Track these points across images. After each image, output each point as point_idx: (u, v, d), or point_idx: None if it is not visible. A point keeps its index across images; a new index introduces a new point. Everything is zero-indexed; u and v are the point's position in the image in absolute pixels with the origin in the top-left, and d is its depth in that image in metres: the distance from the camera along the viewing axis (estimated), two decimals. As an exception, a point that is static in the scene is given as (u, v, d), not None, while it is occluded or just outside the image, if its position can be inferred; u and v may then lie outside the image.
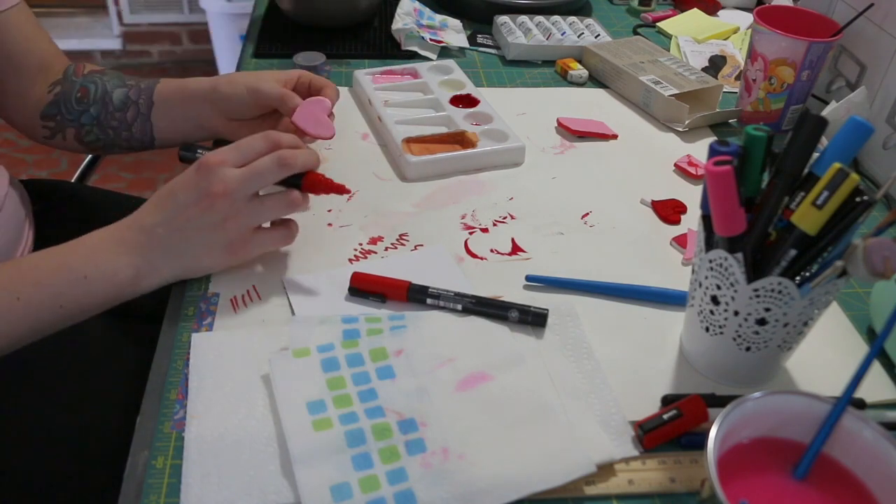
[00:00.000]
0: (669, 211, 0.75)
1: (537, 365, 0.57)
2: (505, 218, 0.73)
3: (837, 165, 0.47)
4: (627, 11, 1.22)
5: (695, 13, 1.19)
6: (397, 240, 0.70)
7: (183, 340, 0.58)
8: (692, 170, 0.81)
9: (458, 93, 0.90)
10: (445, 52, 1.04)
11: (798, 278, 0.51)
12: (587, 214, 0.75)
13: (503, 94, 0.94)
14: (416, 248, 0.69)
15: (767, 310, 0.51)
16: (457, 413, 0.52)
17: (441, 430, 0.51)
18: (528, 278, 0.65)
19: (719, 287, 0.52)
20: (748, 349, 0.54)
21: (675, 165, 0.83)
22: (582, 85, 0.99)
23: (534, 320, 0.60)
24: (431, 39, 1.02)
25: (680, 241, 0.72)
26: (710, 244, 0.53)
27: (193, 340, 0.57)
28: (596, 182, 0.80)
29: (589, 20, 1.10)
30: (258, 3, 1.16)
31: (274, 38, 1.03)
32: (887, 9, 0.84)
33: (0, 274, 0.57)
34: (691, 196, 0.78)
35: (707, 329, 0.55)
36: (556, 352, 0.59)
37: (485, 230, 0.72)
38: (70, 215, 0.89)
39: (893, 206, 0.79)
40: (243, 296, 0.62)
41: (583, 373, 0.57)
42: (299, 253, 0.67)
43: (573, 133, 0.87)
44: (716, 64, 1.06)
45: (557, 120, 0.88)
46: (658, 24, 1.16)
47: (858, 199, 0.47)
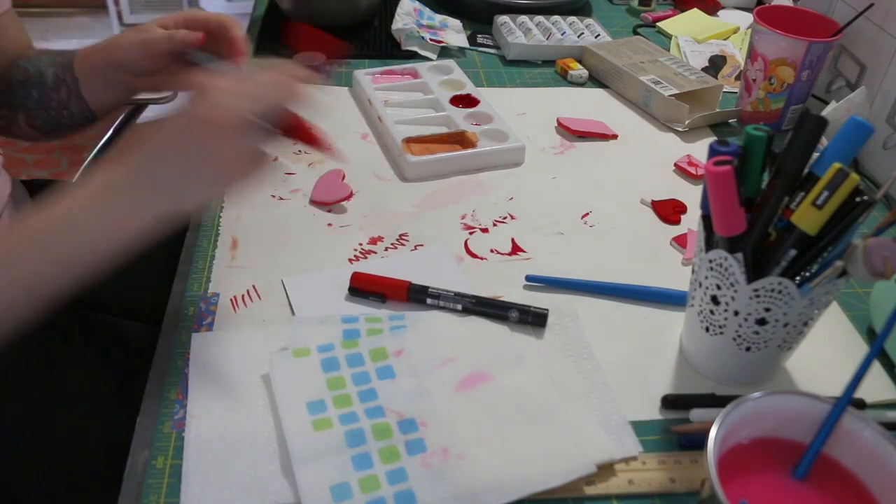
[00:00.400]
0: (669, 211, 0.75)
1: (537, 365, 0.57)
2: (505, 218, 0.73)
3: (837, 165, 0.47)
4: (627, 11, 1.22)
5: (695, 13, 1.19)
6: (397, 240, 0.70)
7: (183, 340, 0.58)
8: (692, 170, 0.81)
9: (458, 93, 0.90)
10: (445, 52, 1.04)
11: (798, 278, 0.51)
12: (587, 214, 0.75)
13: (503, 94, 0.94)
14: (416, 248, 0.69)
15: (767, 310, 0.51)
16: (457, 413, 0.52)
17: (441, 430, 0.51)
18: (528, 278, 0.65)
19: (719, 287, 0.52)
20: (748, 349, 0.54)
21: (675, 165, 0.83)
22: (582, 85, 0.99)
23: (534, 320, 0.60)
24: (431, 39, 1.02)
25: (680, 241, 0.72)
26: (710, 244, 0.53)
27: (193, 340, 0.57)
28: (596, 182, 0.80)
29: (589, 20, 1.10)
30: (258, 3, 1.16)
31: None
32: (887, 9, 0.84)
33: None
34: (691, 196, 0.78)
35: (707, 329, 0.55)
36: (556, 352, 0.59)
37: (485, 230, 0.72)
38: None
39: (893, 206, 0.79)
40: (243, 296, 0.62)
41: (583, 373, 0.57)
42: (299, 253, 0.67)
43: (573, 133, 0.87)
44: (716, 64, 1.06)
45: (557, 120, 0.88)
46: (658, 24, 1.16)
47: (858, 199, 0.47)
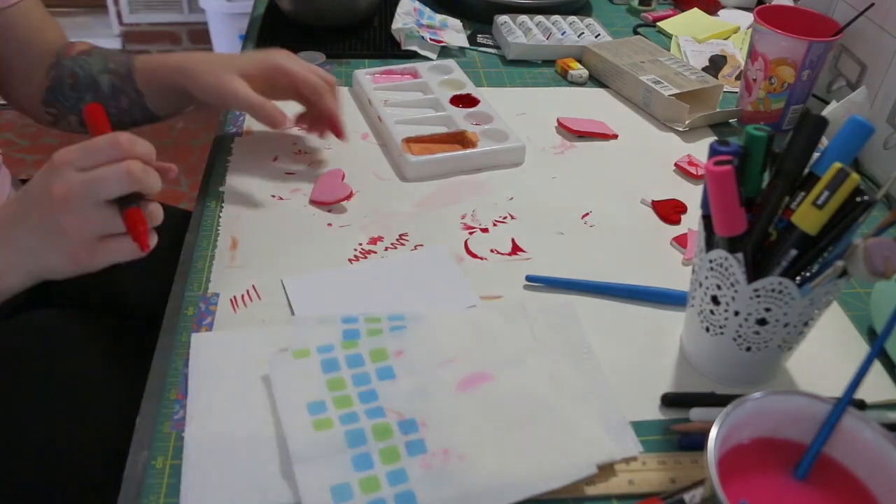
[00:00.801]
0: (669, 211, 0.75)
1: (537, 365, 0.57)
2: (505, 218, 0.73)
3: (838, 165, 0.46)
4: (628, 11, 1.22)
5: (695, 13, 1.19)
6: (397, 240, 0.70)
7: (183, 340, 0.58)
8: (692, 170, 0.81)
9: (458, 93, 0.90)
10: (445, 52, 1.04)
11: (798, 278, 0.50)
12: (587, 214, 0.75)
13: (503, 94, 0.94)
14: (416, 248, 0.69)
15: (768, 310, 0.51)
16: (457, 413, 0.52)
17: (441, 431, 0.51)
18: (528, 278, 0.65)
19: (719, 287, 0.52)
20: (748, 349, 0.54)
21: (676, 165, 0.83)
22: (582, 85, 0.99)
23: None
24: (431, 39, 1.02)
25: (680, 241, 0.72)
26: (711, 244, 0.53)
27: (193, 340, 0.57)
28: (596, 182, 0.80)
29: (589, 20, 1.10)
30: (258, 3, 1.16)
31: (274, 38, 1.03)
32: (888, 8, 0.84)
33: None
34: (691, 196, 0.78)
35: (707, 329, 0.55)
36: (556, 352, 0.59)
37: (485, 230, 0.72)
38: None
39: (894, 206, 0.79)
40: (243, 296, 0.62)
41: (583, 373, 0.57)
42: (299, 253, 0.67)
43: (573, 133, 0.87)
44: (716, 64, 1.06)
45: (557, 120, 0.88)
46: (658, 24, 1.16)
47: (859, 199, 0.47)
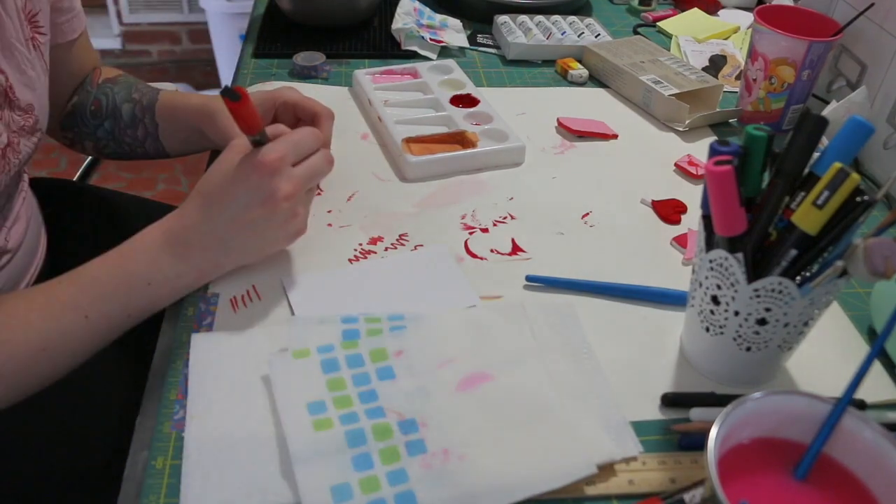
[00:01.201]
0: (669, 211, 0.75)
1: (537, 365, 0.57)
2: (505, 218, 0.73)
3: (838, 165, 0.46)
4: (628, 11, 1.22)
5: (695, 13, 1.19)
6: (397, 240, 0.70)
7: (183, 340, 0.58)
8: (692, 169, 0.81)
9: (458, 93, 0.90)
10: (445, 52, 1.04)
11: (798, 278, 0.50)
12: (587, 214, 0.75)
13: (503, 94, 0.94)
14: (416, 248, 0.69)
15: (768, 310, 0.51)
16: (457, 413, 0.52)
17: (441, 431, 0.51)
18: (528, 278, 0.65)
19: (720, 287, 0.52)
20: (748, 349, 0.54)
21: (676, 165, 0.83)
22: (582, 85, 0.99)
23: None
24: (431, 39, 1.02)
25: (680, 241, 0.72)
26: (711, 244, 0.53)
27: (193, 340, 0.57)
28: (596, 182, 0.80)
29: (589, 20, 1.10)
30: (258, 3, 1.16)
31: (274, 38, 1.03)
32: (888, 8, 0.84)
33: (62, 292, 0.56)
34: (691, 196, 0.78)
35: (707, 329, 0.55)
36: (556, 352, 0.59)
37: (485, 230, 0.72)
38: (81, 217, 0.88)
39: (894, 206, 0.79)
40: (243, 296, 0.62)
41: (583, 373, 0.57)
42: (299, 253, 0.67)
43: (573, 133, 0.87)
44: (716, 63, 1.06)
45: (557, 120, 0.88)
46: (658, 24, 1.16)
47: (859, 199, 0.47)
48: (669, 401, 0.55)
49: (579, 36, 1.05)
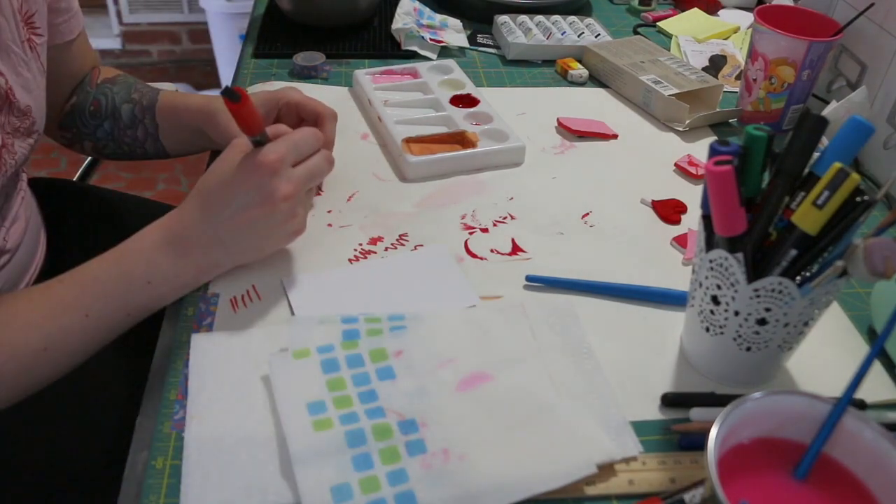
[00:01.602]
0: (669, 211, 0.75)
1: (537, 365, 0.57)
2: (505, 218, 0.73)
3: (838, 165, 0.46)
4: (628, 11, 1.22)
5: (695, 13, 1.19)
6: (397, 240, 0.70)
7: (183, 340, 0.58)
8: (692, 169, 0.81)
9: (458, 93, 0.90)
10: (445, 52, 1.04)
11: (798, 278, 0.50)
12: (587, 214, 0.75)
13: (503, 94, 0.94)
14: (416, 248, 0.69)
15: (768, 310, 0.51)
16: (457, 413, 0.52)
17: (441, 431, 0.51)
18: (528, 278, 0.65)
19: (720, 287, 0.52)
20: (748, 349, 0.54)
21: (676, 165, 0.83)
22: (582, 85, 0.99)
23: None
24: (431, 39, 1.02)
25: (680, 241, 0.72)
26: (711, 244, 0.53)
27: (193, 340, 0.57)
28: (596, 182, 0.80)
29: (589, 20, 1.10)
30: (258, 3, 1.16)
31: (274, 38, 1.03)
32: (888, 8, 0.84)
33: (63, 292, 0.56)
34: (691, 196, 0.78)
35: (707, 329, 0.55)
36: (556, 352, 0.59)
37: (485, 230, 0.72)
38: (81, 217, 0.88)
39: (894, 206, 0.79)
40: (243, 296, 0.62)
41: (583, 373, 0.57)
42: (299, 253, 0.67)
43: (573, 133, 0.87)
44: (716, 63, 1.06)
45: (557, 120, 0.88)
46: (658, 24, 1.16)
47: (859, 199, 0.47)
48: (669, 401, 0.55)
49: (579, 36, 1.05)
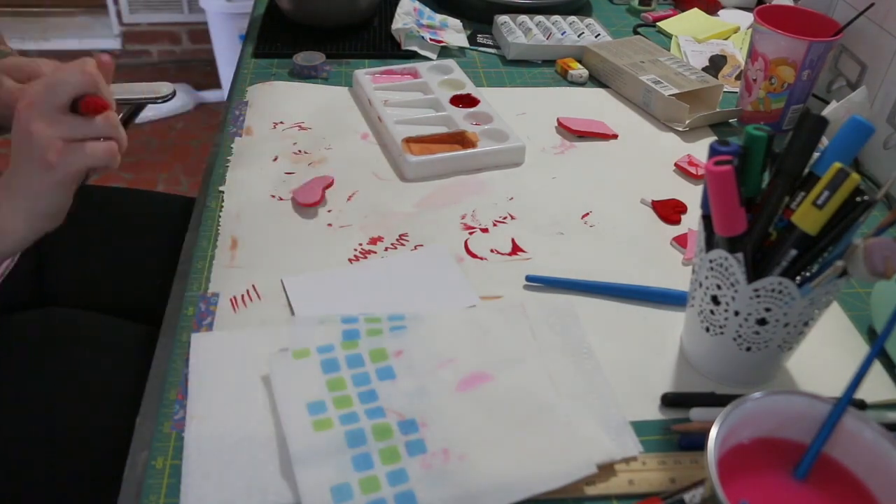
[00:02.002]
0: (669, 211, 0.75)
1: (537, 365, 0.57)
2: (505, 218, 0.73)
3: (838, 165, 0.46)
4: (628, 11, 1.22)
5: (695, 13, 1.19)
6: (397, 240, 0.70)
7: (183, 340, 0.58)
8: (692, 169, 0.81)
9: (458, 93, 0.90)
10: (445, 52, 1.04)
11: (798, 278, 0.50)
12: (587, 214, 0.75)
13: (503, 94, 0.94)
14: (416, 248, 0.69)
15: (768, 310, 0.51)
16: (457, 413, 0.52)
17: (441, 431, 0.51)
18: (528, 278, 0.65)
19: (720, 287, 0.52)
20: (748, 349, 0.54)
21: (676, 165, 0.83)
22: (582, 85, 0.99)
23: None
24: (431, 39, 1.02)
25: (680, 241, 0.72)
26: (711, 244, 0.53)
27: (193, 340, 0.57)
28: (596, 182, 0.80)
29: (589, 20, 1.10)
30: (258, 3, 1.16)
31: (273, 38, 1.03)
32: (888, 8, 0.84)
33: None
34: (691, 196, 0.78)
35: (707, 329, 0.55)
36: (556, 352, 0.59)
37: (485, 230, 0.72)
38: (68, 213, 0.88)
39: (894, 206, 0.79)
40: (243, 296, 0.62)
41: (583, 373, 0.57)
42: (299, 253, 0.67)
43: (573, 133, 0.87)
44: (716, 63, 1.06)
45: (557, 120, 0.88)
46: (658, 24, 1.16)
47: (859, 199, 0.47)
48: (669, 401, 0.55)
49: (579, 36, 1.05)
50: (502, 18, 1.07)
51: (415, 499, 0.47)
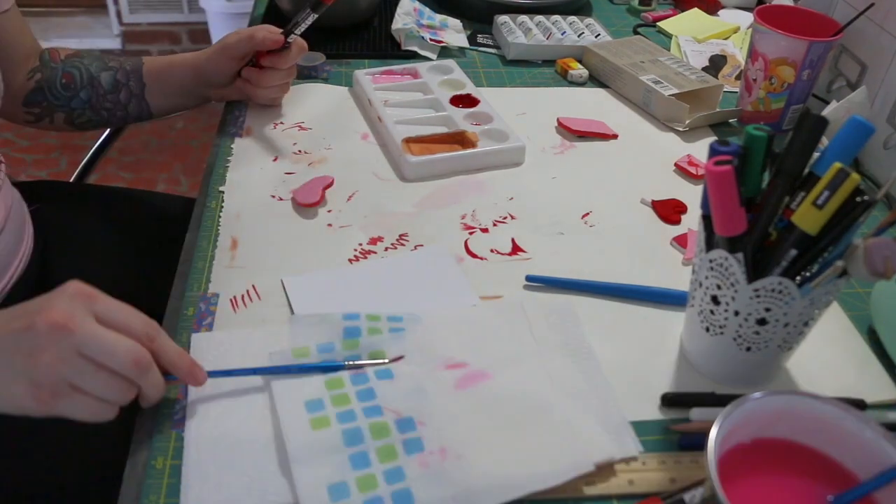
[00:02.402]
0: (669, 211, 0.75)
1: (537, 364, 0.57)
2: (505, 218, 0.73)
3: (838, 165, 0.46)
4: (628, 11, 1.22)
5: (695, 13, 1.19)
6: (397, 240, 0.70)
7: (183, 341, 0.58)
8: (692, 169, 0.81)
9: (458, 93, 0.90)
10: (445, 52, 1.04)
11: (798, 278, 0.50)
12: (587, 214, 0.75)
13: (503, 94, 0.94)
14: (416, 248, 0.69)
15: (768, 310, 0.51)
16: (455, 412, 0.52)
17: (439, 430, 0.51)
18: (528, 278, 0.65)
19: (720, 287, 0.52)
20: (748, 349, 0.54)
21: (676, 165, 0.83)
22: (582, 85, 0.99)
23: None
24: (431, 39, 1.02)
25: (680, 241, 0.72)
26: (711, 244, 0.53)
27: (193, 340, 0.57)
28: (596, 182, 0.80)
29: (589, 20, 1.10)
30: (258, 3, 1.16)
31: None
32: (888, 8, 0.84)
33: None
34: (691, 196, 0.78)
35: (707, 329, 0.55)
36: (556, 351, 0.59)
37: (485, 230, 0.72)
38: (68, 214, 0.88)
39: (894, 206, 0.79)
40: (243, 296, 0.62)
41: (583, 372, 0.57)
42: (299, 253, 0.67)
43: (573, 133, 0.87)
44: (716, 63, 1.06)
45: (557, 120, 0.88)
46: (658, 24, 1.16)
47: (859, 199, 0.47)
48: (669, 401, 0.55)
49: (579, 36, 1.05)
50: (502, 18, 1.07)
51: (412, 497, 0.47)
